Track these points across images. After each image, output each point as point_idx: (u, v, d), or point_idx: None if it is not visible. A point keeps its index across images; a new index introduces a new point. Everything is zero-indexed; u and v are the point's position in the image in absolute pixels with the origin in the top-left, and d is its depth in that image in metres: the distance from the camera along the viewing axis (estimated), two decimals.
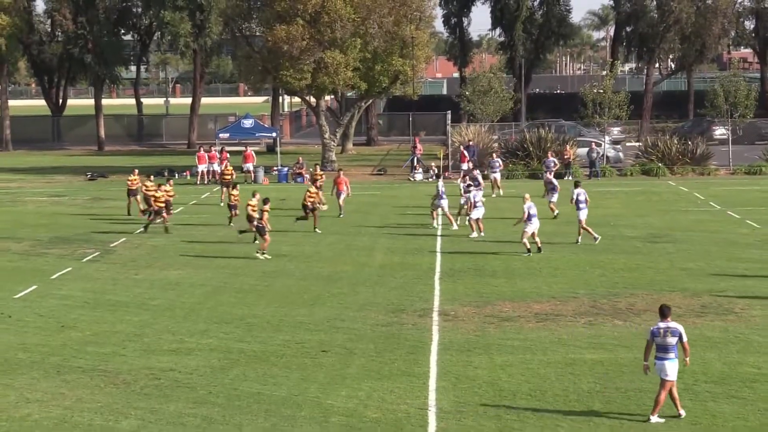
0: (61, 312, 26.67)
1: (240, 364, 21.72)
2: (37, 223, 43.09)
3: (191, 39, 79.13)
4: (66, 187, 57.84)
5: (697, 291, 27.76)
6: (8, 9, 79.09)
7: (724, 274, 29.75)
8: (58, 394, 19.90)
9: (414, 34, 61.89)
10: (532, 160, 58.03)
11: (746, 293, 27.34)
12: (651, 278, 29.59)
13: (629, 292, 27.82)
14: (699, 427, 17.48)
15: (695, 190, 51.35)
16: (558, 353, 22.01)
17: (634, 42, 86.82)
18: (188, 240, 38.30)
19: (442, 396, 19.27)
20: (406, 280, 30.15)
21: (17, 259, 34.82)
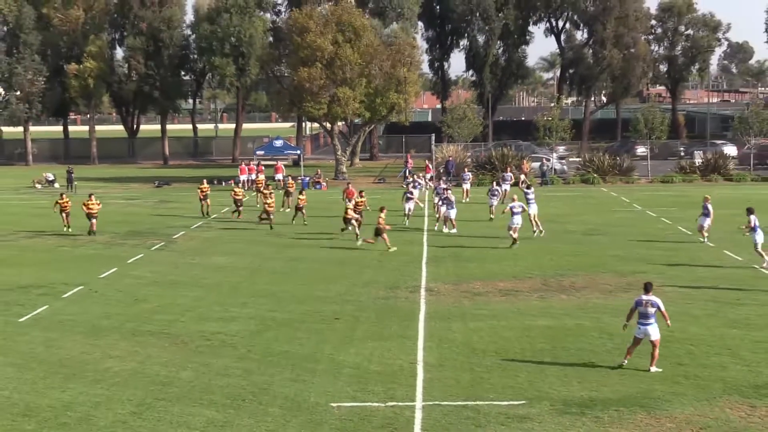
0: (135, 288, 26.75)
1: (272, 328, 21.79)
2: (116, 220, 43.11)
3: (235, 78, 79.15)
4: (139, 193, 57.88)
5: (623, 272, 27.82)
6: (95, 56, 79.37)
7: (643, 260, 29.83)
8: (132, 351, 19.96)
9: (406, 75, 62.06)
10: (497, 172, 58.05)
11: (661, 273, 27.40)
12: (588, 262, 29.64)
13: (572, 273, 27.88)
14: (624, 376, 17.52)
15: (622, 194, 51.44)
16: (517, 320, 22.06)
17: (575, 81, 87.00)
18: (232, 234, 38.37)
19: (428, 353, 19.31)
20: (400, 264, 30.19)
21: (101, 248, 34.88)
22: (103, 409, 16.28)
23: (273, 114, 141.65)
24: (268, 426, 15.32)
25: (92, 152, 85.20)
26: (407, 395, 16.66)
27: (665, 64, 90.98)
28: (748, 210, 29.15)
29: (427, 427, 15.12)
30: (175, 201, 51.72)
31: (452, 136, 68.34)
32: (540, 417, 15.48)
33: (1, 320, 22.97)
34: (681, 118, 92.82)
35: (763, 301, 23.62)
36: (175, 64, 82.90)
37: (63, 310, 24.11)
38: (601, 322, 21.76)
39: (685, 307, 23.18)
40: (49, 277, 28.46)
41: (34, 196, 56.11)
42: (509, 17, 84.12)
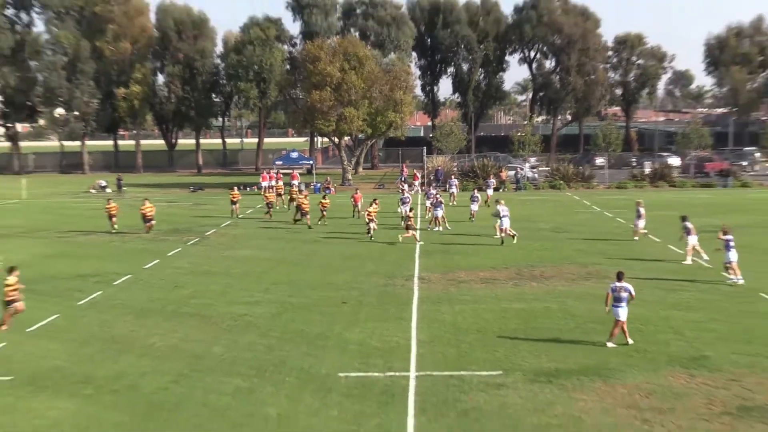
0: (174, 277, 26.79)
1: (289, 311, 21.84)
2: (158, 219, 42.88)
3: (257, 100, 79.10)
4: (177, 196, 57.88)
5: (585, 263, 27.90)
6: (140, 82, 79.51)
7: (602, 253, 29.87)
8: (172, 330, 20.04)
9: (402, 97, 62.03)
10: (479, 179, 58.13)
11: (616, 265, 27.33)
12: (555, 255, 29.71)
13: (541, 264, 27.93)
14: (585, 350, 17.60)
15: (584, 198, 51.44)
16: (495, 304, 22.13)
17: (544, 102, 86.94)
18: (256, 232, 38.41)
19: (420, 332, 19.39)
20: (397, 257, 30.25)
21: (146, 243, 34.91)
22: (148, 378, 16.36)
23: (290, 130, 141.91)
24: (286, 393, 15.39)
25: (138, 162, 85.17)
26: (403, 367, 16.74)
27: (620, 88, 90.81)
28: (682, 218, 28.63)
29: (419, 393, 15.20)
30: (207, 204, 51.72)
31: (441, 149, 68.52)
32: (514, 385, 15.56)
33: (64, 304, 23.06)
34: (633, 134, 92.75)
35: (701, 289, 23.71)
36: (207, 88, 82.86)
37: (114, 295, 24.20)
38: (565, 305, 21.85)
39: (637, 293, 23.16)
40: (103, 268, 28.54)
41: (89, 200, 56.11)
42: (489, 48, 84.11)
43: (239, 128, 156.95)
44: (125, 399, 15.29)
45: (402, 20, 79.58)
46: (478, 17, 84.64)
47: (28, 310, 22.32)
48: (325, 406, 14.66)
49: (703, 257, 27.73)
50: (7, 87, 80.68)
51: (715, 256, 26.18)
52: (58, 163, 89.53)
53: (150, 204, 38.00)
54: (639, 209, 32.47)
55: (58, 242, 35.29)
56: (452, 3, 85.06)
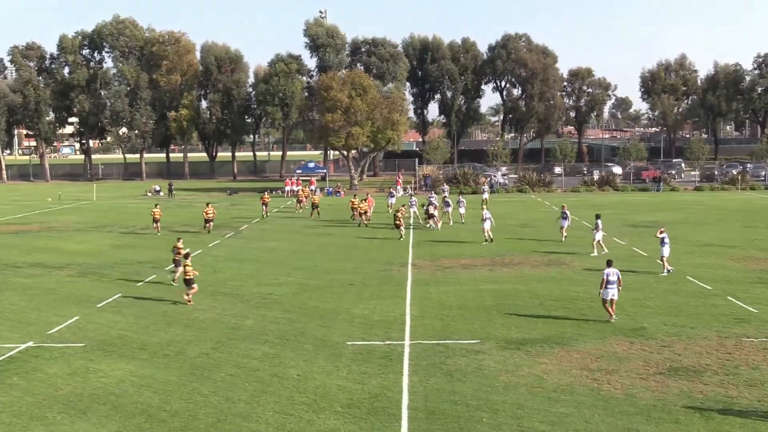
0: (213, 263, 26.64)
1: (307, 291, 21.69)
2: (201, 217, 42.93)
3: (281, 121, 78.88)
4: (216, 199, 57.63)
5: (547, 253, 27.72)
6: (188, 106, 79.29)
7: (559, 244, 29.55)
8: (212, 306, 19.91)
9: (398, 119, 62.00)
10: (460, 184, 58.00)
11: (571, 254, 27.33)
12: (522, 246, 29.50)
13: (510, 253, 27.76)
14: (546, 323, 17.48)
15: (545, 200, 51.27)
16: (473, 285, 21.98)
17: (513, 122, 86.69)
18: (281, 226, 38.26)
19: (413, 308, 19.25)
20: (394, 248, 30.08)
21: (191, 236, 34.62)
22: (193, 346, 16.24)
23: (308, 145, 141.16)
24: (304, 357, 15.27)
25: (185, 171, 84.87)
26: (399, 336, 16.60)
27: (574, 111, 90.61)
28: (596, 215, 27.78)
29: (413, 358, 15.08)
30: (241, 204, 51.50)
31: (429, 160, 68.34)
32: (489, 351, 15.44)
33: (126, 285, 22.91)
34: (584, 148, 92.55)
35: (638, 272, 23.57)
36: (241, 111, 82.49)
37: (165, 278, 24.04)
38: (530, 287, 21.68)
39: (588, 276, 23.11)
40: (156, 256, 28.39)
41: (146, 201, 55.94)
42: (468, 79, 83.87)
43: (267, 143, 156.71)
44: (174, 361, 15.16)
45: (398, 56, 79.40)
46: (459, 54, 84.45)
47: (97, 289, 22.23)
48: (336, 368, 14.55)
49: (603, 251, 26.57)
50: (82, 111, 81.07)
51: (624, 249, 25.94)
52: (122, 171, 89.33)
53: (212, 208, 35.83)
54: (565, 211, 30.42)
55: (121, 235, 35.14)
56: (439, 42, 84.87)
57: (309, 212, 42.44)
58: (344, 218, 40.00)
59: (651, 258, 25.81)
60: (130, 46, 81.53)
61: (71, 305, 20.12)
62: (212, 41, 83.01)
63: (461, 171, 61.16)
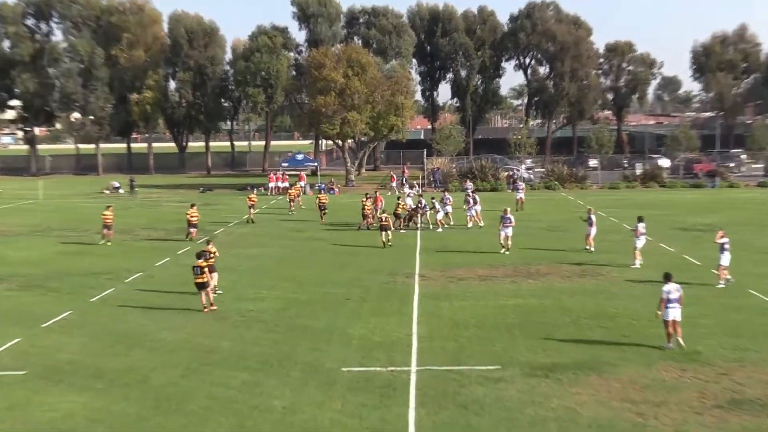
0: (184, 274, 26.39)
1: (295, 306, 21.65)
2: (169, 219, 42.99)
3: (264, 104, 78.97)
4: (187, 197, 57.64)
5: (579, 261, 27.69)
6: (153, 87, 79.45)
7: (595, 251, 29.51)
8: (182, 325, 19.85)
9: (403, 102, 61.97)
10: (477, 180, 57.88)
11: (609, 262, 27.27)
12: (551, 253, 29.49)
13: (537, 262, 27.73)
14: (580, 345, 17.40)
15: (578, 198, 51.25)
16: (492, 300, 21.94)
17: (539, 107, 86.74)
18: (263, 230, 38.26)
19: (420, 327, 19.20)
20: (399, 254, 30.08)
21: (157, 241, 34.75)
22: (157, 372, 16.17)
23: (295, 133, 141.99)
24: (290, 386, 15.19)
25: (150, 164, 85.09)
26: (404, 361, 16.53)
27: (611, 93, 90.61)
28: (638, 218, 27.01)
29: (420, 387, 15.00)
30: (216, 204, 51.52)
31: (440, 151, 68.36)
32: (512, 379, 15.35)
33: (78, 300, 22.87)
34: (624, 136, 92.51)
35: (691, 284, 23.41)
36: (216, 93, 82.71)
37: (126, 291, 24.02)
38: (560, 301, 21.64)
39: (629, 289, 23.08)
40: (115, 265, 28.36)
41: (102, 200, 55.94)
42: (486, 56, 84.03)
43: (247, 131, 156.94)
44: (135, 392, 15.08)
45: (403, 29, 79.49)
46: (475, 26, 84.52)
47: (43, 305, 22.17)
48: (329, 399, 14.46)
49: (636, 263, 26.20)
50: (26, 92, 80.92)
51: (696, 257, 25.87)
52: (74, 165, 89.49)
53: (196, 210, 35.25)
54: (591, 216, 29.96)
55: (72, 241, 35.10)
56: (451, 12, 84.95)
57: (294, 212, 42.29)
58: (340, 220, 39.92)
59: (705, 267, 25.72)
60: (84, 15, 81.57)
61: (11, 325, 20.06)
62: (182, 10, 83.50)
63: (478, 164, 61.09)
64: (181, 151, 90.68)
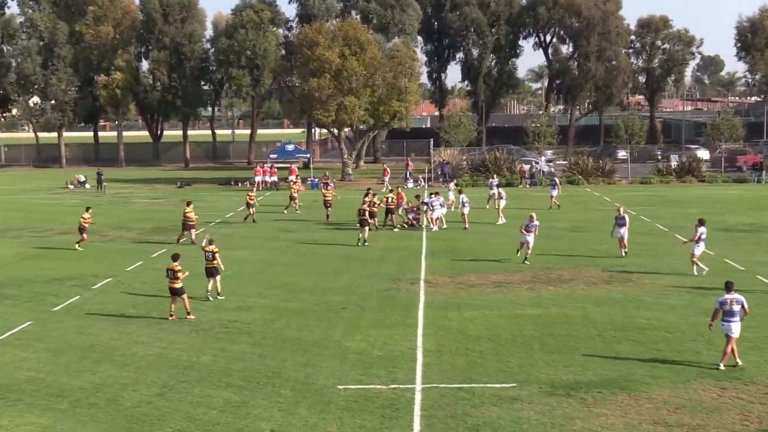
0: (158, 280, 26.43)
1: (284, 317, 21.72)
2: (142, 217, 43.11)
3: (250, 88, 78.96)
4: (163, 193, 57.79)
5: (606, 266, 27.73)
6: (123, 68, 79.39)
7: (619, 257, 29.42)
8: (156, 338, 19.93)
9: (407, 85, 62.10)
10: (490, 174, 57.82)
11: (640, 267, 27.32)
12: (574, 257, 29.55)
13: (559, 266, 27.78)
14: (606, 360, 17.46)
15: (604, 194, 51.29)
16: (508, 309, 21.99)
17: (561, 91, 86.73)
18: (249, 230, 38.30)
19: (426, 340, 19.25)
20: (401, 258, 30.14)
21: (128, 243, 34.85)
22: (129, 391, 16.25)
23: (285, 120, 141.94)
24: (280, 406, 15.28)
25: (120, 156, 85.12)
26: (408, 378, 16.60)
27: (644, 76, 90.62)
28: (699, 221, 26.56)
29: (426, 407, 15.07)
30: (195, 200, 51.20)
31: (449, 141, 68.35)
32: (529, 398, 15.42)
33: (39, 309, 22.95)
34: (658, 124, 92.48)
35: None
36: (195, 75, 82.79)
37: (93, 299, 24.09)
38: (585, 311, 21.69)
39: (662, 297, 23.12)
40: (81, 270, 28.43)
41: (67, 196, 56.08)
42: (501, 33, 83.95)
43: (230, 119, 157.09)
44: (104, 413, 15.16)
45: (407, 2, 79.39)
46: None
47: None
48: (323, 421, 14.54)
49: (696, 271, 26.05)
50: None
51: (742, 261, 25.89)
52: (33, 156, 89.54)
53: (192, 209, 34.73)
54: (622, 216, 29.57)
55: (32, 242, 35.19)
56: None
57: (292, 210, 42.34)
58: (336, 219, 39.96)
59: (749, 273, 25.76)
60: None
61: None
62: None
63: (491, 156, 61.17)
64: (155, 140, 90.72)
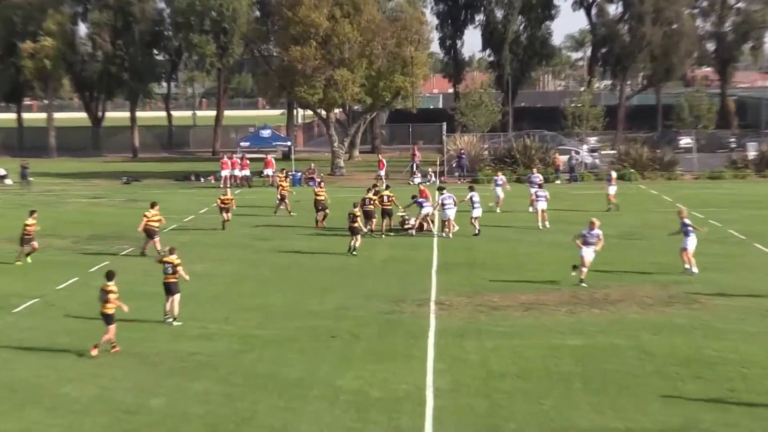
0: (96, 300, 26.46)
1: (257, 347, 21.68)
2: (77, 221, 43.04)
3: (216, 59, 79.10)
4: (104, 190, 57.78)
5: (665, 283, 27.68)
6: (54, 33, 79.31)
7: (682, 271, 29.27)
8: (94, 374, 19.85)
9: (413, 55, 62.11)
10: (518, 166, 57.83)
11: (709, 285, 27.24)
12: (624, 271, 29.49)
13: (605, 283, 27.72)
14: (667, 403, 17.40)
15: (663, 193, 51.26)
16: (542, 338, 21.94)
17: (608, 62, 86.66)
18: (212, 237, 38.26)
19: (438, 377, 19.19)
20: (406, 272, 30.10)
21: (59, 254, 34.76)
22: None
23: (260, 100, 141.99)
24: None
25: (50, 143, 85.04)
26: (415, 426, 16.54)
27: (713, 42, 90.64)
28: None
29: None
30: (145, 200, 51.32)
31: (467, 125, 68.37)
32: None
33: None
34: (731, 104, 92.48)
35: None
36: (146, 42, 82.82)
37: (15, 326, 24.00)
38: (639, 340, 21.62)
39: (738, 323, 23.05)
40: (1, 288, 28.33)
41: None
42: None
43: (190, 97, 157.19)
44: None
45: None
46: None
47: None
48: None
49: None
50: None
51: None
52: None
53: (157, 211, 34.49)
54: (685, 222, 29.51)
55: None
56: None
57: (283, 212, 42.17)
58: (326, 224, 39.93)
59: None
60: None
61: None
62: None
63: (519, 144, 61.08)
64: (95, 124, 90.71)
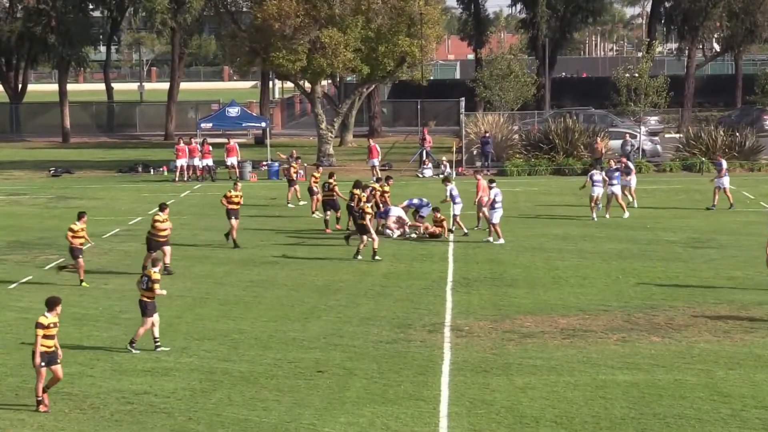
0: (21, 326, 26.50)
1: (224, 386, 21.65)
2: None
3: (169, 15, 78.92)
4: (26, 185, 57.75)
5: (745, 303, 27.68)
6: None
7: None
8: (16, 420, 19.83)
9: (423, 10, 61.78)
10: (557, 154, 57.69)
11: None
12: (693, 289, 29.47)
13: (668, 304, 27.75)
14: None
15: (744, 188, 51.17)
16: (587, 374, 21.96)
17: (675, 19, 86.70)
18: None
19: (454, 423, 19.22)
20: (413, 290, 30.13)
21: None
22: None
23: (226, 69, 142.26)
24: None
25: None
26: None
27: None
28: None
29: None
30: (79, 197, 51.51)
31: (491, 102, 68.34)
32: None
33: None
34: None
35: None
36: None
37: None
38: (711, 377, 21.66)
39: None
40: None
41: None
42: None
43: (136, 65, 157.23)
44: None
45: None
46: None
47: None
48: None
49: None
50: None
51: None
52: None
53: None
54: None
55: None
56: None
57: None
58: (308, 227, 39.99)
59: None
60: None
61: None
62: None
63: (559, 125, 61.01)
64: (14, 100, 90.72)
